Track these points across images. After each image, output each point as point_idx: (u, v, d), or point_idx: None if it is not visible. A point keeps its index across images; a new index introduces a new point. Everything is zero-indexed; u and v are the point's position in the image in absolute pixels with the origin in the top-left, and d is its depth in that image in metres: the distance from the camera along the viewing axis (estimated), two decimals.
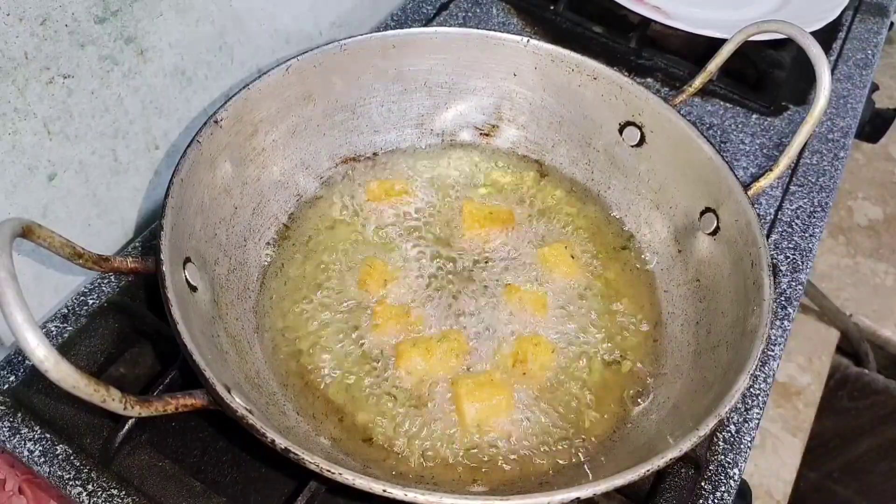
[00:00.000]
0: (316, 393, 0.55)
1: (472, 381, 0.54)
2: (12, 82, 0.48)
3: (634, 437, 0.53)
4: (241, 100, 0.59)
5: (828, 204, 0.71)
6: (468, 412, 0.53)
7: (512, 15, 0.88)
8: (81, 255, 0.48)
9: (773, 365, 0.59)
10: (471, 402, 0.53)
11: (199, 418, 0.53)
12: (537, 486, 0.51)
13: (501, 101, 0.71)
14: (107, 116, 0.56)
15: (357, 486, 0.40)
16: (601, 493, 0.41)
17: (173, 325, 0.45)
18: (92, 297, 0.58)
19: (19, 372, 0.54)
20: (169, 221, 0.50)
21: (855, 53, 0.88)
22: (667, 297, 0.62)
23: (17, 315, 0.35)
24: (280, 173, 0.64)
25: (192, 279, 0.52)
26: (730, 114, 0.79)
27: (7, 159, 0.50)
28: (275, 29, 0.70)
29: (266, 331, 0.58)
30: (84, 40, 0.51)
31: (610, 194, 0.68)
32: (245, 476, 0.51)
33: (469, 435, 0.53)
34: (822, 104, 0.59)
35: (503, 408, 0.54)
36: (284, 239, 0.63)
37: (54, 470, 0.49)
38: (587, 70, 0.66)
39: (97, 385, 0.38)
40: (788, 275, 0.65)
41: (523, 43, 0.67)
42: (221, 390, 0.43)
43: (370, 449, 0.52)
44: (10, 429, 0.51)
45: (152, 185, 0.63)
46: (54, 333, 0.56)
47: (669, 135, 0.63)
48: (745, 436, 0.55)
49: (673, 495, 0.51)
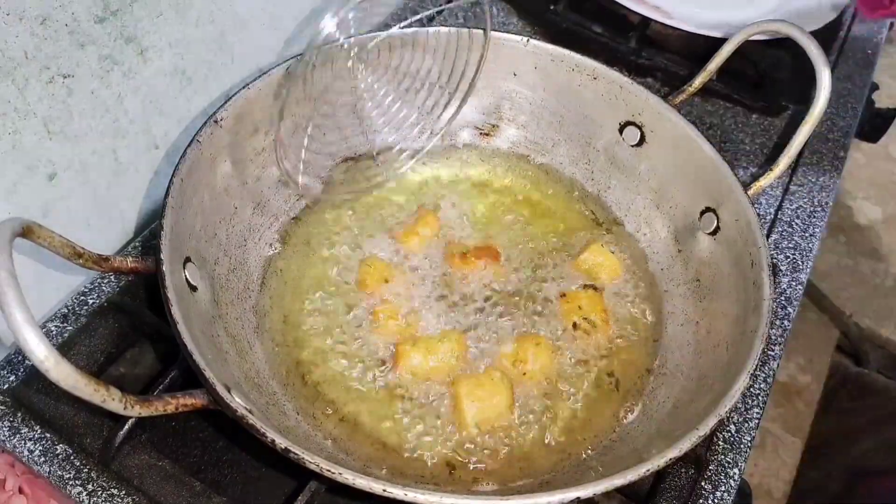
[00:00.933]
0: (316, 393, 0.55)
1: (471, 381, 0.54)
2: (12, 82, 0.48)
3: (634, 437, 0.53)
4: (241, 99, 0.59)
5: (828, 203, 0.71)
6: (468, 412, 0.53)
7: (512, 15, 0.88)
8: (81, 254, 0.48)
9: (773, 365, 0.59)
10: (471, 401, 0.53)
11: (199, 418, 0.53)
12: (538, 486, 0.51)
13: (501, 101, 0.71)
14: (107, 116, 0.56)
15: (357, 485, 0.40)
16: (601, 492, 0.41)
17: (173, 325, 0.45)
18: (92, 297, 0.58)
19: (19, 371, 0.54)
20: (169, 221, 0.50)
21: (855, 53, 0.88)
22: (667, 297, 0.62)
23: (17, 315, 0.35)
24: (280, 173, 0.64)
25: (192, 279, 0.52)
26: (730, 113, 0.79)
27: (7, 159, 0.50)
28: (275, 28, 0.70)
29: (266, 330, 0.57)
30: (84, 40, 0.51)
31: (610, 194, 0.68)
32: (245, 476, 0.51)
33: (469, 434, 0.53)
34: (822, 104, 0.59)
35: (503, 407, 0.54)
36: (285, 239, 0.63)
37: (54, 470, 0.49)
38: (587, 70, 0.66)
39: (97, 385, 0.38)
40: (788, 274, 0.65)
41: (523, 43, 0.67)
42: (221, 390, 0.43)
43: (370, 449, 0.52)
44: (10, 428, 0.51)
45: (152, 185, 0.63)
46: (54, 333, 0.56)
47: (669, 134, 0.63)
48: (745, 435, 0.55)
49: (673, 495, 0.51)
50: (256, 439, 0.42)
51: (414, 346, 0.56)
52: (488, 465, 0.52)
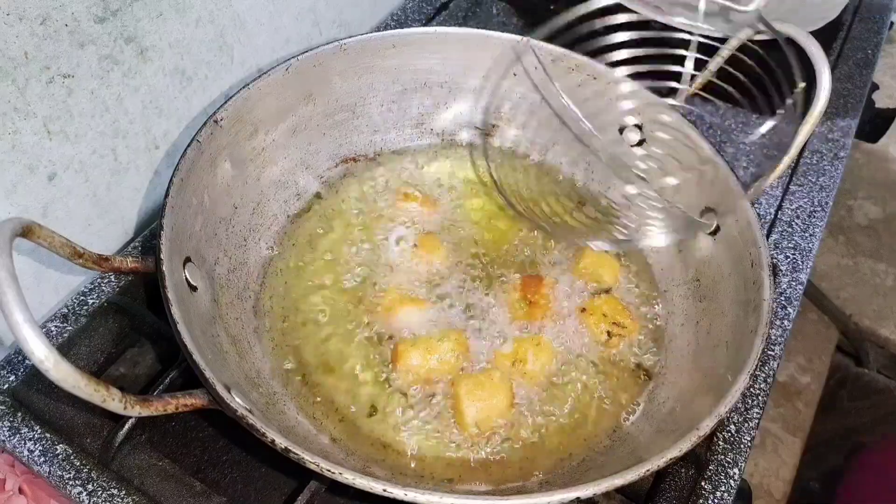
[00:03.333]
0: (316, 392, 0.55)
1: (471, 381, 0.54)
2: (12, 82, 0.48)
3: (634, 437, 0.53)
4: (241, 99, 0.59)
5: (828, 203, 0.71)
6: (468, 412, 0.53)
7: (512, 14, 0.88)
8: (81, 254, 0.48)
9: (773, 365, 0.59)
10: (471, 401, 0.53)
11: (199, 418, 0.53)
12: (537, 486, 0.51)
13: (502, 101, 0.71)
14: (107, 116, 0.56)
15: (357, 485, 0.40)
16: (601, 492, 0.41)
17: (173, 325, 0.45)
18: (92, 297, 0.58)
19: (19, 372, 0.54)
20: (169, 221, 0.50)
21: (855, 53, 0.88)
22: (667, 297, 0.62)
23: (17, 315, 0.35)
24: (280, 173, 0.64)
25: (192, 279, 0.52)
26: (730, 113, 0.79)
27: (7, 159, 0.50)
28: (275, 28, 0.70)
29: (266, 330, 0.57)
30: (84, 40, 0.51)
31: (610, 194, 0.68)
32: (245, 476, 0.51)
33: (469, 434, 0.53)
34: (822, 104, 0.58)
35: (503, 407, 0.54)
36: (285, 238, 0.63)
37: (54, 470, 0.49)
38: (587, 70, 0.66)
39: (97, 385, 0.38)
40: (788, 274, 0.65)
41: (523, 42, 0.67)
42: (221, 390, 0.43)
43: (370, 449, 0.52)
44: (10, 428, 0.51)
45: (152, 185, 0.63)
46: (54, 333, 0.56)
47: (670, 134, 0.63)
48: (745, 435, 0.55)
49: (673, 495, 0.51)
50: (256, 439, 0.41)
51: (413, 345, 0.56)
52: (489, 465, 0.52)
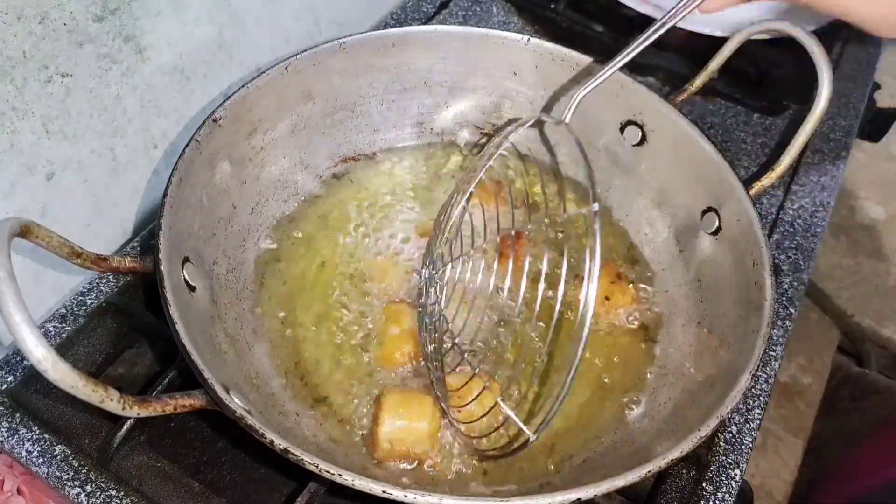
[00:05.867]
0: (315, 393, 0.55)
1: (398, 396, 0.53)
2: (10, 81, 0.47)
3: (635, 438, 0.53)
4: (240, 98, 0.59)
5: (829, 203, 0.71)
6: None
7: (512, 13, 0.88)
8: (80, 254, 0.48)
9: (774, 365, 0.59)
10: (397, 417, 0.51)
11: (197, 419, 0.53)
12: (538, 488, 0.51)
13: (502, 100, 0.70)
14: (105, 115, 0.56)
15: (357, 486, 0.40)
16: (602, 493, 0.41)
17: (172, 325, 0.45)
18: (90, 297, 0.58)
19: (17, 372, 0.54)
20: (167, 221, 0.50)
21: (856, 52, 0.88)
22: (667, 297, 0.62)
23: (15, 315, 0.34)
24: (279, 172, 0.64)
25: (190, 279, 0.52)
26: (731, 113, 0.79)
27: (5, 158, 0.49)
28: (274, 27, 0.70)
29: (265, 331, 0.57)
30: (82, 39, 0.51)
31: (611, 194, 0.68)
32: (244, 476, 0.51)
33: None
34: (823, 103, 0.58)
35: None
36: (284, 238, 0.63)
37: (53, 470, 0.49)
38: (587, 69, 0.66)
39: (95, 385, 0.38)
40: (790, 275, 0.65)
41: (524, 41, 0.67)
42: (220, 390, 0.43)
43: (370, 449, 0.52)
44: (9, 429, 0.50)
45: (151, 185, 0.63)
46: (53, 333, 0.56)
47: (671, 134, 0.63)
48: (746, 436, 0.55)
49: (674, 496, 0.51)
50: (255, 440, 0.41)
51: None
52: (488, 465, 0.52)
